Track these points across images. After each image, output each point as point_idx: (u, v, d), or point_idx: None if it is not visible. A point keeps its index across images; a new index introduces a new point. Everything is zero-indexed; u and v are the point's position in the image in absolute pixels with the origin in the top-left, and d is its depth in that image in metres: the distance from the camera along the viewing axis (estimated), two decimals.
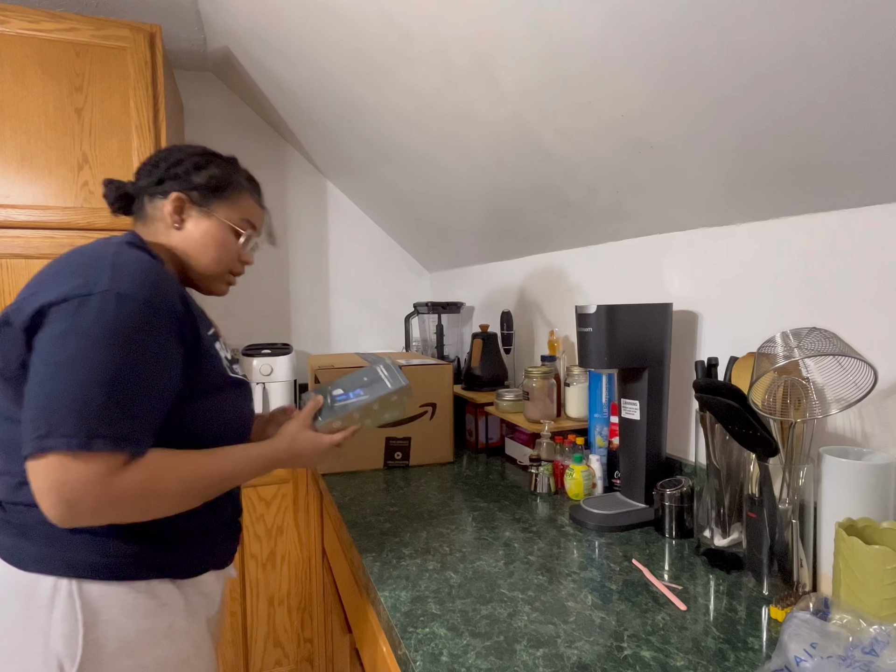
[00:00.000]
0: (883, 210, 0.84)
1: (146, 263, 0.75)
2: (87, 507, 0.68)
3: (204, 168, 0.90)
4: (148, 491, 0.71)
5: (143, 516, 0.74)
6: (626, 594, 0.84)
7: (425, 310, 2.14)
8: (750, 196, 0.98)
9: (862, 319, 0.87)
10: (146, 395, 0.71)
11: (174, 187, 0.88)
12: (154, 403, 0.73)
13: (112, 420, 0.68)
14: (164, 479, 0.73)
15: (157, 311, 0.72)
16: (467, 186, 1.59)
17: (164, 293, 0.74)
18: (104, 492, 0.67)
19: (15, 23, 1.48)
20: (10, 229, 1.50)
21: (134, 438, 0.70)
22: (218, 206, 0.90)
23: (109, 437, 0.67)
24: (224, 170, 0.92)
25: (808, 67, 0.69)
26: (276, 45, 1.56)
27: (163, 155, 0.92)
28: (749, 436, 0.85)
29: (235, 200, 0.92)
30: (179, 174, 0.89)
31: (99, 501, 0.68)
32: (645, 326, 1.11)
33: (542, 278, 1.73)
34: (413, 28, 1.09)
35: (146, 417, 0.72)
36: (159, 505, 0.74)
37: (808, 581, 0.83)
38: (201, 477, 0.77)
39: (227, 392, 0.85)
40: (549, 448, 1.34)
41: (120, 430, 0.68)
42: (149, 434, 0.72)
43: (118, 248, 0.77)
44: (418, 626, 0.77)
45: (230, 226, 0.91)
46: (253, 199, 0.96)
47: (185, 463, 0.76)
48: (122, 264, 0.74)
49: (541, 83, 1.01)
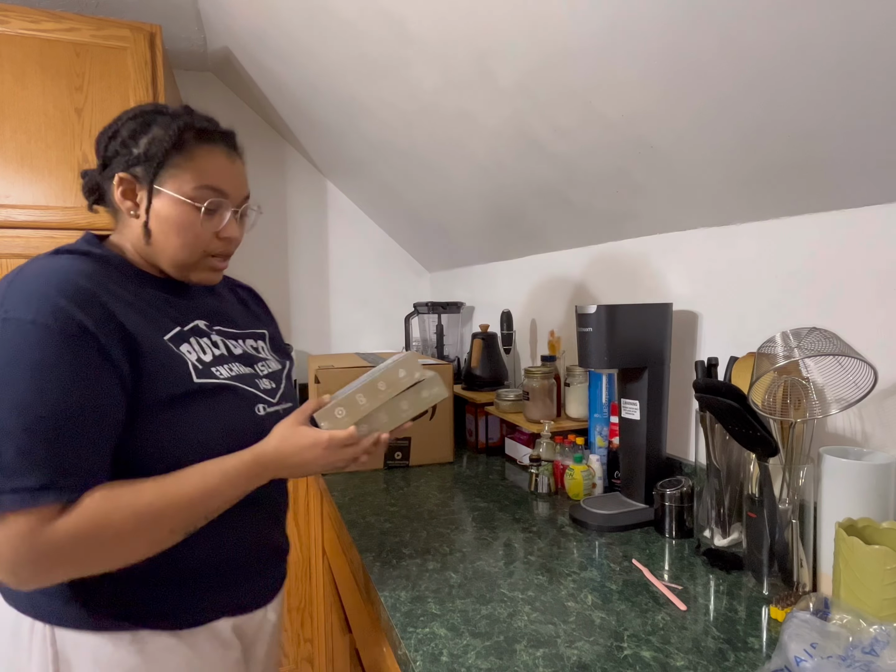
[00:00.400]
0: (883, 210, 0.84)
1: (46, 274, 0.63)
2: (25, 571, 0.58)
3: (142, 133, 0.72)
4: (92, 537, 0.60)
5: (102, 566, 0.63)
6: (626, 594, 0.84)
7: (425, 310, 2.14)
8: (750, 196, 0.98)
9: (862, 319, 0.87)
10: (63, 430, 0.59)
11: (117, 167, 0.73)
12: (79, 436, 0.60)
13: (18, 470, 0.57)
14: (109, 519, 0.60)
15: (48, 328, 0.59)
16: (467, 186, 1.59)
17: (60, 306, 0.61)
18: (35, 550, 0.57)
19: (15, 23, 1.48)
20: (10, 229, 1.51)
21: (55, 484, 0.58)
22: (166, 177, 0.71)
23: (20, 491, 0.56)
24: (168, 128, 0.72)
25: (808, 67, 0.69)
26: (276, 45, 1.56)
27: (103, 130, 0.76)
28: (749, 436, 0.85)
29: (186, 165, 0.72)
30: (118, 149, 0.73)
31: (34, 562, 0.57)
32: (645, 326, 1.11)
33: (542, 278, 1.73)
34: (413, 28, 1.09)
35: (71, 455, 0.60)
36: (116, 550, 0.62)
37: (808, 581, 0.83)
38: (161, 506, 0.63)
39: (196, 403, 0.69)
40: (549, 448, 1.34)
41: (32, 479, 0.57)
42: (81, 473, 0.60)
43: (29, 262, 0.67)
44: (418, 626, 0.77)
45: (183, 200, 0.72)
46: (213, 155, 0.74)
47: (133, 494, 0.62)
48: (18, 281, 0.63)
49: (541, 83, 1.01)
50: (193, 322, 0.78)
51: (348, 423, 0.78)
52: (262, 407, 0.78)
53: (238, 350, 0.82)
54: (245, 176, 0.80)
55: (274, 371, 0.86)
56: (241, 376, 0.78)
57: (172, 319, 0.74)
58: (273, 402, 0.81)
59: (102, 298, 0.65)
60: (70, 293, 0.62)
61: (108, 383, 0.63)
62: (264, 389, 0.80)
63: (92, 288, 0.65)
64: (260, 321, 0.96)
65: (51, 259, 0.68)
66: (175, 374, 0.69)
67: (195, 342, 0.75)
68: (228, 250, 0.79)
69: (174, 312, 0.76)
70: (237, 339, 0.85)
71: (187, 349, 0.73)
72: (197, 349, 0.74)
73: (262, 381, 0.81)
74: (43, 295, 0.61)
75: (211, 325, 0.81)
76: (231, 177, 0.76)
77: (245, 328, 0.89)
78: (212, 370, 0.73)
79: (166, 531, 0.65)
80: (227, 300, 0.91)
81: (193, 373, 0.71)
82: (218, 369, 0.74)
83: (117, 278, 0.71)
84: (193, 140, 0.73)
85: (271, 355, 0.90)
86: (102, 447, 0.63)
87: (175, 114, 0.74)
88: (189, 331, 0.75)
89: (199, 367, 0.72)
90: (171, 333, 0.72)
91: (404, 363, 0.81)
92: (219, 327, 0.82)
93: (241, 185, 0.78)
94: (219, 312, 0.85)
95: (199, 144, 0.73)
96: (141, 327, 0.68)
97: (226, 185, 0.75)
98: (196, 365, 0.72)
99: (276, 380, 0.85)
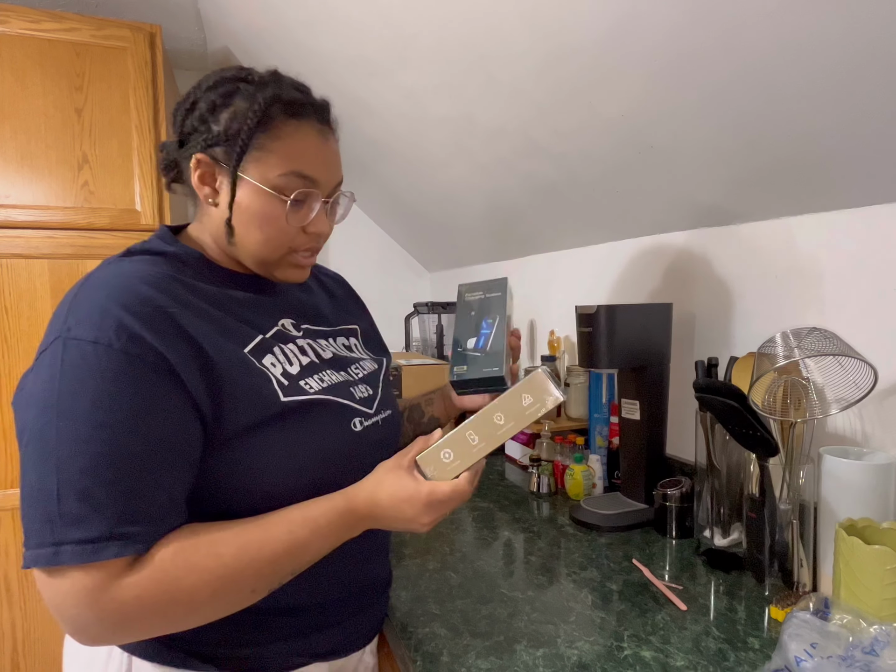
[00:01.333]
0: (883, 210, 0.84)
1: (110, 284, 0.56)
2: (93, 629, 0.51)
3: (224, 107, 0.61)
4: (164, 600, 0.52)
5: (176, 627, 0.55)
6: (626, 594, 0.84)
7: (425, 310, 2.14)
8: (750, 196, 0.98)
9: (862, 319, 0.87)
10: (126, 471, 0.51)
11: (195, 147, 0.63)
12: (146, 477, 0.52)
13: (78, 518, 0.49)
14: (182, 581, 0.52)
15: (110, 349, 0.52)
16: (467, 186, 1.59)
17: (123, 323, 0.53)
18: (101, 609, 0.50)
19: (15, 23, 1.48)
20: (10, 229, 1.51)
21: (119, 535, 0.50)
22: (249, 161, 0.61)
23: (81, 542, 0.49)
24: (252, 101, 0.60)
25: (808, 68, 0.69)
26: (276, 45, 1.56)
27: (180, 101, 0.66)
28: (749, 436, 0.85)
29: (272, 146, 0.61)
30: (196, 125, 0.63)
31: (101, 620, 0.51)
32: (645, 326, 1.10)
33: (542, 278, 1.73)
34: (413, 28, 1.09)
35: (137, 500, 0.52)
36: (191, 613, 0.54)
37: (808, 581, 0.83)
38: (241, 566, 0.54)
39: (284, 425, 0.60)
40: (549, 448, 1.34)
41: (93, 529, 0.49)
42: (150, 521, 0.52)
43: (98, 267, 0.59)
44: (418, 626, 0.77)
45: (267, 191, 0.61)
46: (303, 134, 0.62)
47: (210, 550, 0.54)
48: (82, 294, 0.56)
49: (540, 83, 1.01)
50: (279, 322, 0.69)
51: (458, 468, 0.62)
52: (358, 421, 0.67)
53: (328, 352, 0.72)
54: (339, 157, 0.68)
55: (370, 373, 0.76)
56: (335, 386, 0.67)
57: (255, 325, 0.65)
58: (371, 413, 0.70)
59: (172, 310, 0.56)
60: (134, 307, 0.54)
61: (180, 412, 0.54)
62: (361, 399, 0.70)
63: (161, 298, 0.56)
64: (351, 314, 0.86)
65: (118, 264, 0.60)
66: (259, 395, 0.59)
67: (280, 351, 0.64)
68: (317, 245, 0.69)
69: (258, 315, 0.67)
70: (327, 337, 0.75)
71: (271, 361, 0.62)
72: (282, 360, 0.64)
73: (357, 389, 0.70)
74: (104, 310, 0.53)
75: (298, 324, 0.72)
76: (323, 160, 0.64)
77: (336, 324, 0.79)
78: (300, 384, 0.63)
79: (247, 592, 0.56)
80: (315, 292, 0.82)
81: (279, 390, 0.61)
82: (307, 382, 0.64)
83: (194, 281, 0.62)
84: (282, 115, 0.61)
85: (366, 353, 0.81)
86: (175, 490, 0.54)
87: (261, 82, 0.62)
88: (273, 337, 0.66)
89: (284, 382, 0.62)
90: (252, 344, 0.62)
91: (529, 386, 0.62)
92: (307, 325, 0.73)
93: (335, 169, 0.67)
94: (307, 308, 0.76)
95: (287, 121, 0.61)
96: (218, 342, 0.58)
97: (316, 172, 0.64)
98: (281, 380, 0.62)
99: (372, 384, 0.75)
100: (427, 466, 0.62)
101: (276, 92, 0.61)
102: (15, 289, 1.51)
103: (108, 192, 1.57)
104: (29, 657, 1.57)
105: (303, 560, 0.58)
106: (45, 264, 1.53)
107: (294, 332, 0.70)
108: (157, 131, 1.63)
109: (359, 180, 2.16)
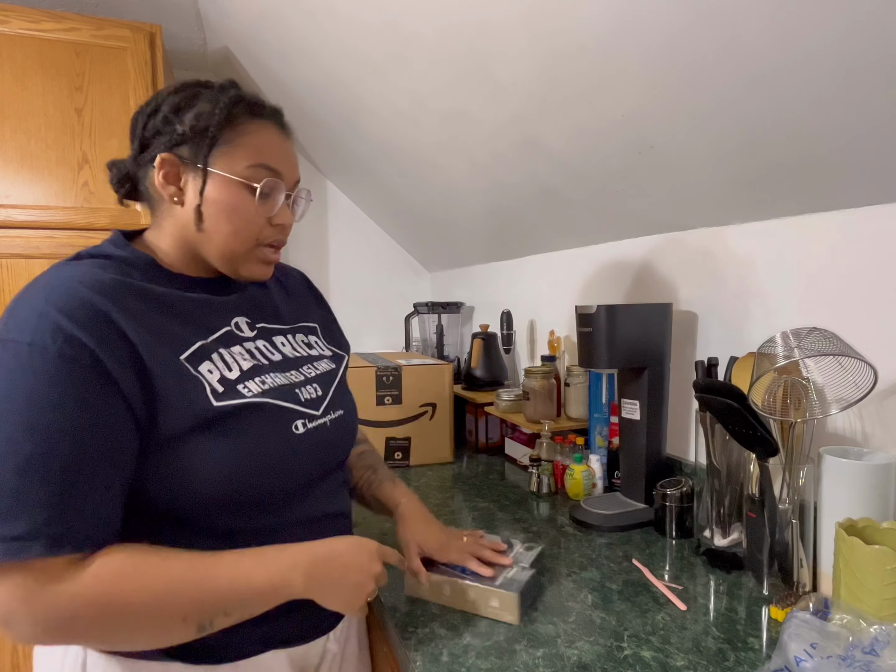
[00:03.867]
0: (883, 210, 0.84)
1: (50, 287, 0.57)
2: (24, 628, 0.51)
3: (187, 108, 0.65)
4: (102, 603, 0.53)
5: (103, 640, 0.56)
6: (626, 594, 0.84)
7: (425, 310, 2.14)
8: (750, 196, 0.98)
9: (862, 319, 0.87)
10: (56, 469, 0.51)
11: (158, 148, 0.65)
12: (78, 476, 0.52)
13: (8, 515, 0.50)
14: (123, 587, 0.53)
15: (45, 351, 0.52)
16: (467, 186, 1.59)
17: (59, 325, 0.53)
18: (32, 609, 0.51)
19: (15, 23, 1.48)
20: (10, 229, 1.51)
21: (50, 533, 0.51)
22: (216, 155, 0.64)
23: (7, 539, 0.50)
24: (216, 102, 0.64)
25: (809, 67, 0.69)
26: (276, 45, 1.56)
27: (139, 109, 0.68)
28: (749, 436, 0.85)
29: (238, 141, 0.65)
30: (160, 128, 0.65)
31: (34, 621, 0.51)
32: (645, 326, 1.11)
33: (542, 278, 1.73)
34: (413, 27, 1.09)
35: (68, 499, 0.52)
36: (122, 626, 0.54)
37: (808, 581, 0.83)
38: (176, 591, 0.55)
39: (216, 430, 0.60)
40: (549, 448, 1.34)
41: (20, 526, 0.50)
42: (83, 521, 0.53)
43: (42, 274, 0.60)
44: (418, 626, 0.77)
45: (237, 180, 0.64)
46: (266, 131, 0.67)
47: (155, 566, 0.55)
48: (23, 297, 0.57)
49: (541, 83, 1.01)
50: (231, 322, 0.70)
51: (424, 592, 0.82)
52: (301, 423, 0.68)
53: (283, 351, 0.74)
54: (296, 158, 0.72)
55: (323, 373, 0.77)
56: (276, 389, 0.67)
57: (201, 327, 0.66)
58: (316, 415, 0.71)
59: (112, 315, 0.57)
60: (72, 310, 0.55)
61: (114, 415, 0.55)
62: (306, 400, 0.70)
63: (100, 302, 0.57)
64: (309, 311, 0.86)
65: (63, 267, 0.61)
66: (190, 402, 0.60)
67: (219, 357, 0.65)
68: (282, 239, 0.71)
69: (207, 315, 0.68)
70: (285, 334, 0.76)
71: (208, 368, 0.63)
72: (220, 366, 0.64)
73: (304, 390, 0.71)
74: (42, 313, 0.54)
75: (254, 323, 0.73)
76: (284, 156, 0.69)
77: (293, 322, 0.80)
78: (237, 388, 0.64)
79: (178, 619, 0.55)
80: (272, 290, 0.82)
81: (212, 397, 0.61)
82: (246, 385, 0.65)
83: (139, 286, 0.63)
84: (245, 114, 0.65)
85: (328, 349, 0.83)
86: (110, 492, 0.55)
87: (221, 87, 0.67)
88: (216, 341, 0.66)
89: (219, 388, 0.62)
90: (190, 350, 0.63)
91: (505, 600, 0.75)
92: (263, 324, 0.75)
93: (294, 166, 0.71)
94: (263, 306, 0.77)
95: (251, 119, 0.66)
96: (154, 348, 0.59)
97: (280, 165, 0.67)
98: (216, 387, 0.62)
99: (324, 384, 0.75)
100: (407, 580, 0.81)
101: (238, 93, 0.67)
102: (15, 289, 1.51)
103: (108, 192, 1.56)
104: (29, 657, 1.57)
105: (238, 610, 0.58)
106: (45, 264, 1.53)
107: (247, 332, 0.71)
108: None
109: (359, 180, 2.16)
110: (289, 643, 0.68)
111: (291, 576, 0.60)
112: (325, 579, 0.62)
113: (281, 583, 0.59)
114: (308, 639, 0.71)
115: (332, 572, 0.62)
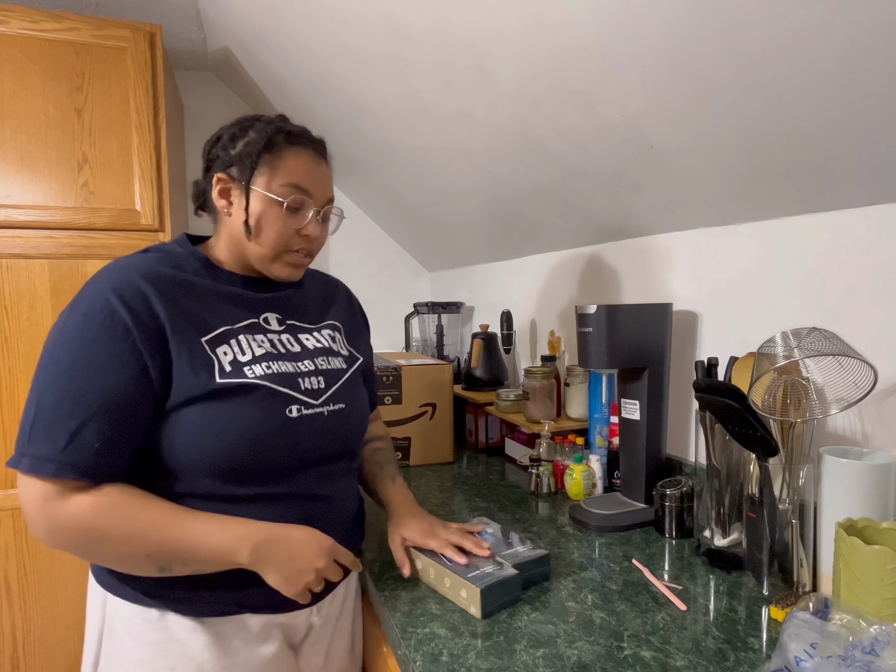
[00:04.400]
0: (883, 210, 0.84)
1: (112, 271, 0.72)
2: (37, 529, 0.66)
3: (240, 137, 0.79)
4: (89, 526, 0.66)
5: (87, 555, 0.69)
6: (626, 594, 0.84)
7: (425, 310, 2.14)
8: (750, 196, 0.98)
9: (862, 319, 0.87)
10: (85, 411, 0.66)
11: (216, 169, 0.80)
12: (95, 420, 0.66)
13: (36, 438, 0.65)
14: (107, 518, 0.66)
15: (92, 320, 0.67)
16: (467, 186, 1.59)
17: (107, 301, 0.68)
18: (44, 514, 0.65)
19: (15, 23, 1.48)
20: (10, 229, 1.50)
21: (62, 459, 0.64)
22: (257, 176, 0.77)
23: (33, 457, 0.65)
24: (262, 132, 0.78)
25: (809, 68, 0.69)
26: (277, 44, 1.56)
27: (209, 138, 0.84)
28: (749, 436, 0.85)
29: (276, 164, 0.77)
30: (218, 153, 0.80)
31: (47, 530, 0.66)
32: (645, 326, 1.11)
33: (542, 278, 1.73)
34: (413, 28, 1.09)
35: (83, 436, 0.65)
36: (101, 549, 0.68)
37: (808, 581, 0.83)
38: (146, 533, 0.67)
39: (215, 403, 0.71)
40: (549, 448, 1.34)
41: (42, 448, 0.65)
42: (93, 456, 0.66)
43: (117, 259, 0.75)
44: (418, 626, 0.77)
45: (271, 197, 0.77)
46: (299, 157, 0.79)
47: (137, 509, 0.68)
48: (94, 276, 0.72)
49: (541, 83, 1.01)
50: (261, 316, 0.82)
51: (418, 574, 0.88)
52: (296, 408, 0.77)
53: (304, 345, 0.84)
54: (330, 181, 0.84)
55: (334, 369, 0.86)
56: (279, 375, 0.77)
57: (226, 318, 0.77)
58: (314, 404, 0.79)
59: (151, 298, 0.70)
60: (121, 291, 0.69)
61: (133, 377, 0.68)
62: (306, 389, 0.79)
63: (144, 286, 0.71)
64: (339, 313, 0.96)
65: (131, 257, 0.76)
66: (196, 376, 0.71)
67: (238, 341, 0.76)
68: (310, 248, 0.83)
69: (238, 307, 0.80)
70: (311, 332, 0.87)
71: (224, 350, 0.74)
72: (235, 349, 0.75)
73: (306, 381, 0.80)
74: (99, 290, 0.69)
75: (284, 319, 0.85)
76: (315, 179, 0.80)
77: (319, 321, 0.91)
78: (244, 369, 0.74)
79: (143, 558, 0.68)
80: (309, 293, 0.93)
81: (218, 374, 0.72)
82: (252, 368, 0.75)
83: (183, 278, 0.76)
84: (283, 142, 0.78)
85: (346, 348, 0.92)
86: (122, 439, 0.68)
87: (269, 120, 0.80)
88: (241, 329, 0.78)
89: (227, 368, 0.73)
90: (213, 334, 0.75)
91: (470, 592, 0.78)
92: (293, 321, 0.86)
93: (326, 188, 0.82)
94: (296, 306, 0.88)
95: (288, 146, 0.78)
96: (181, 327, 0.72)
97: (310, 185, 0.79)
98: (225, 366, 0.73)
99: (330, 379, 0.84)
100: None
101: (280, 125, 0.79)
102: (15, 289, 1.51)
103: (108, 192, 1.57)
104: (29, 657, 1.57)
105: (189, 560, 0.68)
106: (45, 264, 1.53)
107: (274, 326, 0.83)
108: (157, 131, 1.63)
109: (359, 180, 2.16)
110: (261, 610, 0.77)
111: (239, 546, 0.69)
112: (269, 558, 0.70)
113: (229, 549, 0.69)
114: (284, 609, 0.78)
115: (277, 553, 0.71)
